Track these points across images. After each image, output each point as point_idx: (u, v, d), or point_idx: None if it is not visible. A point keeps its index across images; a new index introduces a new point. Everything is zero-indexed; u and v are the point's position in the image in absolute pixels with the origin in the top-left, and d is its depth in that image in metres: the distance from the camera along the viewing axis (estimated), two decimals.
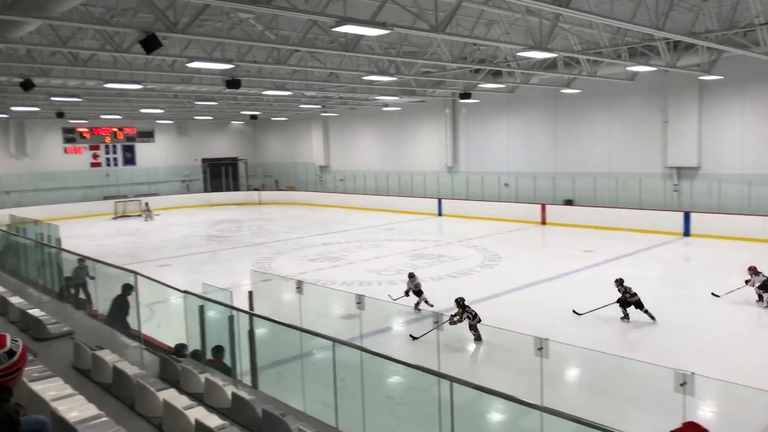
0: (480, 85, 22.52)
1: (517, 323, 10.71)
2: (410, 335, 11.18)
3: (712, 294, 13.78)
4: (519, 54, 15.94)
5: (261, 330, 8.50)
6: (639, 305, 12.04)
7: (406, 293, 13.44)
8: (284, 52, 16.06)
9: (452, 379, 4.92)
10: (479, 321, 11.04)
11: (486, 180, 29.06)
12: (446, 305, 12.13)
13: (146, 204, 33.42)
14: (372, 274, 17.30)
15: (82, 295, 12.10)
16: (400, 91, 25.64)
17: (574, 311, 12.73)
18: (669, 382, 4.98)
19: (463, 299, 11.35)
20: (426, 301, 13.24)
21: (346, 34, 13.25)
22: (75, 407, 3.83)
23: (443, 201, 30.44)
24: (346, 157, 37.82)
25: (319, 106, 30.82)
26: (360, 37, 13.62)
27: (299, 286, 8.95)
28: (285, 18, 13.56)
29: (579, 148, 26.28)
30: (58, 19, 10.48)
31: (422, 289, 13.51)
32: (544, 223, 26.20)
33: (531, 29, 13.49)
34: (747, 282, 13.08)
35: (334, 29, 10.62)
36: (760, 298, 12.94)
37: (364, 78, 19.71)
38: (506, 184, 28.44)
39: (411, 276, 13.74)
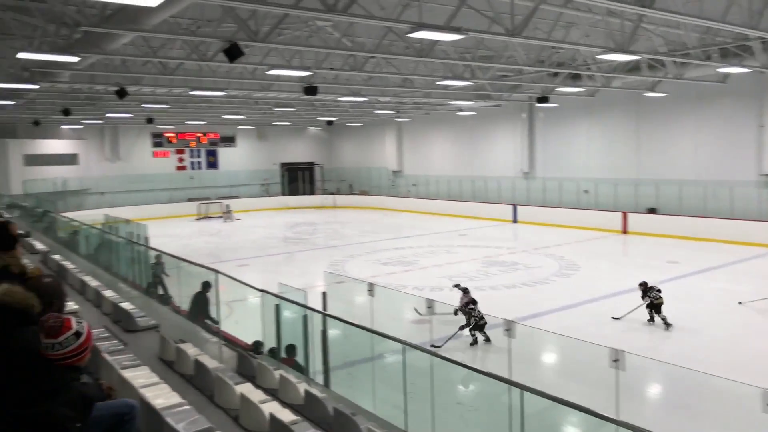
0: (558, 89, 22.00)
1: (594, 335, 10.37)
2: (432, 345, 10.59)
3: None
4: (599, 57, 15.46)
5: (333, 331, 8.67)
6: (659, 309, 12.36)
7: (455, 312, 11.74)
8: (360, 59, 16.33)
9: (523, 388, 4.83)
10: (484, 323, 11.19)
11: (564, 186, 28.29)
12: (517, 314, 11.91)
13: (227, 206, 34.81)
14: (444, 280, 17.22)
15: (160, 291, 12.78)
16: (475, 96, 25.42)
17: (613, 317, 12.92)
18: (758, 403, 4.69)
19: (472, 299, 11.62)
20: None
21: (421, 39, 13.30)
22: (160, 395, 4.06)
23: (518, 207, 29.89)
24: (420, 162, 37.89)
25: (393, 111, 31.08)
26: (435, 42, 13.65)
27: (371, 288, 9.06)
28: (361, 25, 13.80)
29: (664, 154, 25.11)
30: (150, 31, 11.13)
31: (473, 306, 11.68)
32: (625, 231, 25.20)
33: (612, 31, 13.05)
34: None
35: (409, 35, 10.69)
36: None
37: (438, 83, 19.70)
38: (585, 191, 27.56)
39: (465, 291, 12.00)
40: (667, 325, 12.21)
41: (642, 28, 13.18)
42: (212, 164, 40.08)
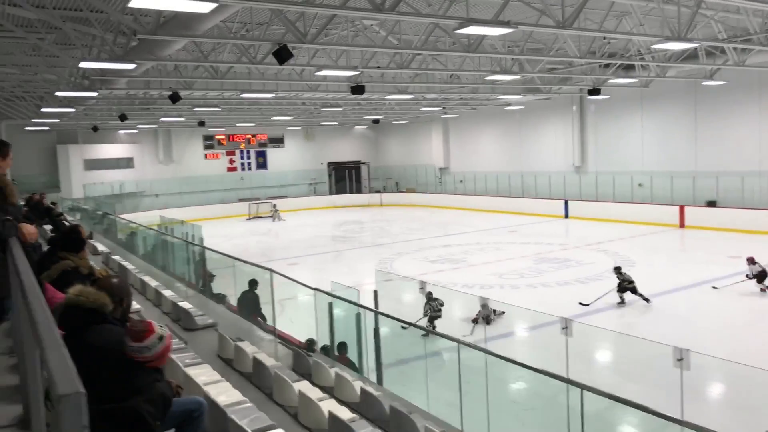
0: (610, 81, 21.37)
1: (652, 333, 10.06)
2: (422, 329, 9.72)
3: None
4: (654, 46, 14.96)
5: (385, 328, 8.70)
6: (634, 291, 13.57)
7: (475, 321, 11.70)
8: (406, 56, 16.30)
9: (583, 387, 4.72)
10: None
11: (617, 180, 27.50)
12: (571, 311, 11.66)
13: (274, 206, 35.40)
14: (494, 278, 17.04)
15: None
16: (524, 90, 25.01)
17: (580, 303, 13.65)
18: None
19: (430, 292, 11.70)
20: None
21: (468, 35, 13.17)
22: (223, 392, 4.16)
23: (570, 202, 29.26)
24: (467, 158, 37.56)
25: (439, 108, 30.90)
26: (483, 37, 13.48)
27: (422, 286, 9.04)
28: (407, 23, 13.76)
29: (723, 145, 24.09)
30: (201, 37, 11.41)
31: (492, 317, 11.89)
32: (682, 226, 24.33)
33: (668, 18, 12.59)
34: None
35: (457, 31, 10.59)
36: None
37: (486, 78, 19.47)
38: (640, 185, 26.74)
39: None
40: (647, 300, 13.52)
41: (700, 14, 12.67)
42: (261, 165, 40.81)
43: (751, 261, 14.26)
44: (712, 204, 24.05)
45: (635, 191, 26.89)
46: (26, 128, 28.67)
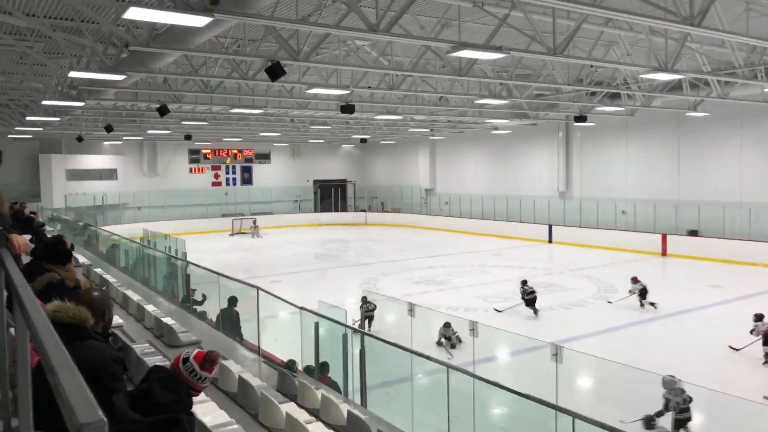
0: (596, 108, 21.72)
1: (635, 360, 10.07)
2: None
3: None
4: (641, 76, 15.23)
5: (369, 349, 8.58)
6: (532, 302, 15.09)
7: (439, 343, 12.68)
8: (397, 78, 16.40)
9: (576, 415, 4.68)
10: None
11: (601, 206, 27.80)
12: (555, 337, 11.65)
13: (254, 221, 35.23)
14: (478, 301, 17.01)
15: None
16: (511, 114, 25.29)
17: (495, 309, 15.29)
18: None
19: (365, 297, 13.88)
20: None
21: (460, 58, 13.29)
22: (208, 412, 4.05)
23: (554, 227, 29.47)
24: (453, 180, 37.77)
25: (427, 129, 31.10)
26: (474, 61, 13.63)
27: (411, 308, 8.97)
28: (399, 44, 13.88)
29: (706, 175, 24.51)
30: (194, 51, 11.37)
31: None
32: (664, 254, 24.60)
33: (655, 50, 12.84)
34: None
35: (449, 54, 10.69)
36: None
37: (475, 102, 19.65)
38: (623, 212, 27.05)
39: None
40: (535, 311, 15.07)
41: (686, 46, 12.93)
42: (247, 180, 40.63)
43: (634, 280, 15.97)
44: (693, 233, 24.37)
45: (619, 218, 27.18)
46: (9, 136, 28.27)
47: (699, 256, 23.07)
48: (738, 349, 11.92)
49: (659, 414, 8.07)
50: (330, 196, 42.61)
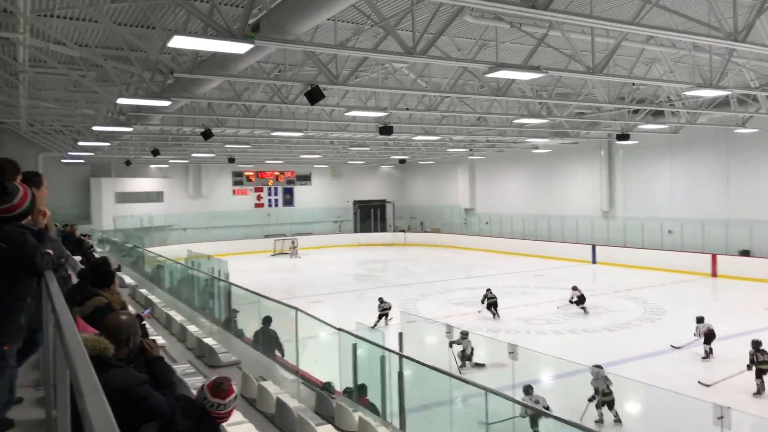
0: (639, 126, 21.30)
1: (684, 386, 9.70)
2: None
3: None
4: (685, 93, 14.90)
5: (408, 372, 8.51)
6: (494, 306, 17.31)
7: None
8: (435, 99, 16.47)
9: None
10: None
11: (646, 226, 27.05)
12: (598, 360, 11.32)
13: (292, 242, 35.65)
14: (519, 323, 16.73)
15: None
16: (552, 133, 25.03)
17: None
18: None
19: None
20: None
21: (497, 78, 13.28)
22: None
23: (597, 247, 28.81)
24: (493, 200, 37.44)
25: (466, 149, 31.03)
26: (512, 81, 13.59)
27: (449, 330, 8.88)
28: (437, 66, 13.96)
29: (757, 193, 23.58)
30: (236, 76, 11.69)
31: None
32: (714, 275, 23.72)
33: (699, 66, 12.56)
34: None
35: (486, 75, 10.70)
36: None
37: (514, 121, 19.54)
38: (670, 231, 26.25)
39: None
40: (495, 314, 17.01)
41: (732, 62, 12.61)
42: (288, 202, 41.22)
43: (573, 288, 17.98)
44: (745, 253, 23.44)
45: (665, 238, 26.39)
46: (62, 161, 29.48)
47: (751, 277, 22.15)
48: (679, 347, 13.62)
49: (591, 399, 9.69)
50: (369, 216, 42.80)
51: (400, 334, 9.34)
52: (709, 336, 13.16)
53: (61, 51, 12.22)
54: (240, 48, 7.94)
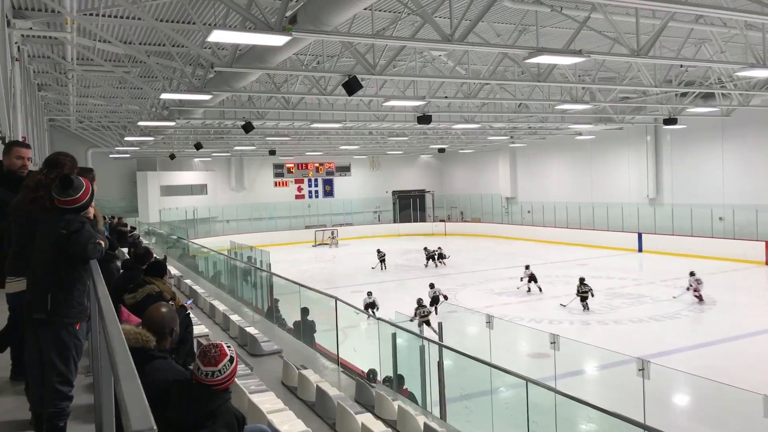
0: (688, 110, 20.56)
1: (735, 377, 9.38)
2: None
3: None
4: (737, 74, 14.30)
5: (449, 362, 8.49)
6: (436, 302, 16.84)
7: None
8: (474, 86, 16.26)
9: None
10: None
11: (695, 213, 26.17)
12: (645, 351, 11.06)
13: (332, 233, 35.97)
14: (563, 313, 16.46)
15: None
16: (595, 119, 24.41)
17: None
18: None
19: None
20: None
21: (538, 64, 13.02)
22: (286, 421, 4.15)
23: (644, 235, 28.06)
24: (535, 188, 36.85)
25: (507, 137, 30.60)
26: (553, 66, 13.30)
27: (489, 320, 8.81)
28: (476, 53, 13.77)
29: None
30: (275, 69, 11.79)
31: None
32: None
33: (752, 45, 12.02)
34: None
35: (526, 60, 10.49)
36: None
37: (556, 107, 19.15)
38: (720, 218, 25.35)
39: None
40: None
41: None
42: (328, 193, 41.55)
43: (526, 267, 19.91)
44: None
45: (715, 225, 25.50)
46: (110, 156, 30.41)
47: None
48: (564, 305, 16.26)
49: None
50: (409, 206, 42.74)
51: (440, 324, 9.32)
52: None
53: (106, 48, 12.56)
54: (278, 40, 8.00)
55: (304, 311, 10.63)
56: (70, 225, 3.18)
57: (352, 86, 11.34)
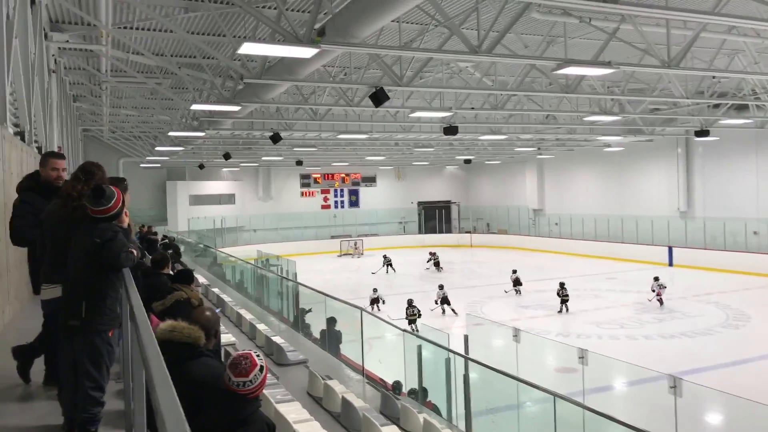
0: (721, 121, 20.17)
1: None
2: None
3: None
4: None
5: (474, 375, 8.40)
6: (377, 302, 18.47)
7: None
8: (501, 97, 16.21)
9: None
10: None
11: (729, 227, 25.56)
12: (676, 368, 10.81)
13: (355, 243, 36.02)
14: (591, 327, 16.19)
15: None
16: (625, 131, 24.11)
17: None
18: None
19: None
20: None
21: (566, 75, 12.93)
22: None
23: (675, 249, 27.48)
24: (562, 200, 36.45)
25: (534, 148, 30.38)
26: (581, 77, 13.19)
27: (516, 334, 8.71)
28: (503, 64, 13.73)
29: None
30: (303, 80, 11.92)
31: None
32: None
33: None
34: None
35: (555, 72, 10.42)
36: None
37: (584, 119, 18.96)
38: (755, 232, 24.70)
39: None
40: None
41: None
42: (354, 203, 41.72)
43: (440, 287, 19.54)
44: None
45: (750, 239, 24.87)
46: (141, 165, 31.01)
47: None
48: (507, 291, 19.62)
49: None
50: (434, 217, 42.61)
51: (466, 337, 9.24)
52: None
53: (139, 60, 12.85)
54: (306, 52, 8.09)
55: (331, 321, 10.65)
56: (104, 234, 3.25)
57: (379, 98, 11.39)
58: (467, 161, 36.43)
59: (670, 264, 27.33)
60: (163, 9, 9.86)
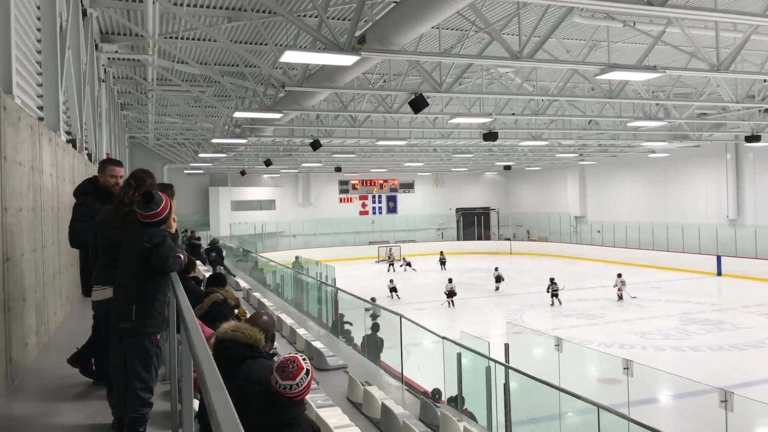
0: None
1: None
2: None
3: None
4: None
5: (515, 384, 8.29)
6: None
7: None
8: (542, 103, 16.01)
9: None
10: None
11: None
12: (725, 381, 10.43)
13: (389, 249, 35.83)
14: (635, 337, 15.79)
15: None
16: (670, 136, 23.46)
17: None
18: None
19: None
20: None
21: (609, 80, 12.69)
22: None
23: (723, 258, 26.58)
24: (605, 207, 35.68)
25: (575, 154, 29.87)
26: (625, 82, 12.93)
27: (558, 343, 8.56)
28: (544, 69, 13.58)
29: None
30: (343, 88, 12.03)
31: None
32: None
33: None
34: None
35: (597, 77, 10.25)
36: None
37: (628, 124, 18.56)
38: None
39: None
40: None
41: None
42: (392, 209, 41.77)
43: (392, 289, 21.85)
44: None
45: None
46: (184, 171, 31.77)
47: None
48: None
49: None
50: (473, 224, 42.30)
51: (506, 345, 9.13)
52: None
53: (184, 69, 13.20)
54: (347, 60, 8.16)
55: (375, 327, 10.66)
56: (153, 239, 3.35)
57: (418, 104, 11.39)
58: (507, 167, 36.06)
59: (719, 273, 26.44)
60: (207, 19, 10.11)
